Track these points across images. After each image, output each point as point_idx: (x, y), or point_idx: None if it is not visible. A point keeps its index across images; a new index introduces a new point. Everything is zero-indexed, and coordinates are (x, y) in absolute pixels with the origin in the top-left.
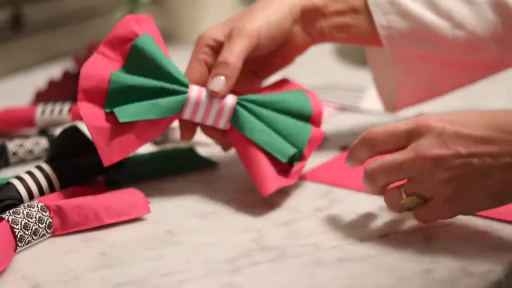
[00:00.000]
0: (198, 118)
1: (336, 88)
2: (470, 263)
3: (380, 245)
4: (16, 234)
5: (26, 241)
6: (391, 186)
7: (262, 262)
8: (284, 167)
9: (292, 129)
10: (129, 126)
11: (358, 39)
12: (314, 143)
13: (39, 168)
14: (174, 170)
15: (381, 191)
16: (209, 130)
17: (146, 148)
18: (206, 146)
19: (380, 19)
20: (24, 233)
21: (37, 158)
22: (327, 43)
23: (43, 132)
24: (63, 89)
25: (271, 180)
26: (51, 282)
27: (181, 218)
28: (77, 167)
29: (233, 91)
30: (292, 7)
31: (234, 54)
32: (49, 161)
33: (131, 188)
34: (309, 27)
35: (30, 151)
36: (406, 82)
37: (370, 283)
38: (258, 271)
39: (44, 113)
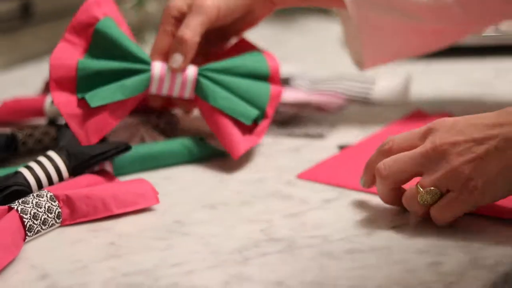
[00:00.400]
0: (164, 92)
1: (343, 78)
2: (478, 256)
3: (389, 238)
4: (25, 223)
5: (35, 230)
6: (407, 185)
7: (271, 253)
8: (249, 127)
9: (252, 91)
10: (100, 109)
11: (322, 2)
12: (274, 101)
13: (48, 157)
14: (184, 159)
15: (395, 193)
16: (176, 99)
17: (155, 137)
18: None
19: None
20: (33, 222)
21: (46, 148)
22: (288, 6)
23: (52, 122)
24: None
25: (239, 143)
26: (59, 272)
27: (190, 209)
28: (84, 155)
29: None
30: None
31: (191, 30)
32: (57, 151)
33: (139, 178)
34: None
35: (39, 141)
36: (372, 45)
37: (378, 275)
38: (266, 262)
39: (54, 103)
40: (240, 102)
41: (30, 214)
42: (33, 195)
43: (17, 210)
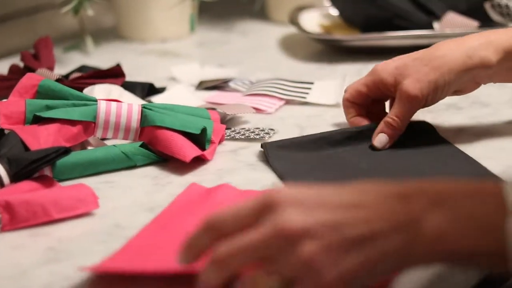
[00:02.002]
0: (111, 121)
1: (282, 80)
2: None
3: None
4: None
5: None
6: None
7: None
8: (198, 150)
9: (197, 119)
10: (49, 126)
11: None
12: (218, 133)
13: None
14: (124, 164)
15: (228, 279)
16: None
17: (97, 144)
18: None
19: None
20: None
21: None
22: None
23: None
24: (11, 84)
25: (190, 149)
26: None
27: (129, 212)
28: (25, 160)
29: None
30: (465, 71)
31: (401, 119)
32: None
33: (79, 183)
34: (479, 80)
35: None
36: None
37: None
38: None
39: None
40: (186, 117)
41: None
42: None
43: None
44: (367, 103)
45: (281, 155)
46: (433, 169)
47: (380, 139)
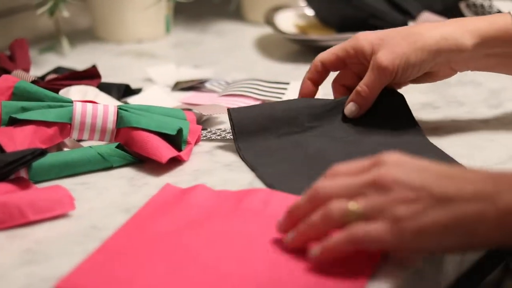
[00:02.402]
0: (87, 122)
1: (257, 80)
2: None
3: None
4: None
5: None
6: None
7: None
8: (174, 151)
9: (172, 120)
10: (24, 128)
11: (506, 73)
12: (194, 134)
13: None
14: (100, 166)
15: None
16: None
17: (74, 145)
18: None
19: None
20: None
21: None
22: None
23: None
24: None
25: (166, 150)
26: None
27: (105, 213)
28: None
29: None
30: (437, 51)
31: (370, 88)
32: None
33: (55, 184)
34: (455, 66)
35: None
36: None
37: None
38: None
39: None
40: (162, 118)
41: None
42: None
43: None
44: (337, 69)
45: (251, 144)
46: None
47: (349, 107)
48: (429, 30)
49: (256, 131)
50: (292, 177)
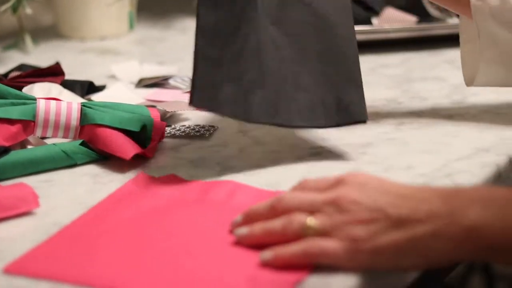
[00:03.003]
0: (51, 119)
1: None
2: None
3: None
4: None
5: None
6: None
7: None
8: (138, 148)
9: (137, 116)
10: None
11: (452, 4)
12: (158, 131)
13: None
14: (64, 163)
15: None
16: None
17: (37, 142)
18: None
19: None
20: None
21: None
22: None
23: None
24: None
25: (130, 147)
26: None
27: (69, 211)
28: None
29: None
30: None
31: None
32: None
33: (19, 182)
34: None
35: None
36: (489, 58)
37: None
38: None
39: None
40: (126, 115)
41: None
42: None
43: None
44: None
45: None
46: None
47: None
48: None
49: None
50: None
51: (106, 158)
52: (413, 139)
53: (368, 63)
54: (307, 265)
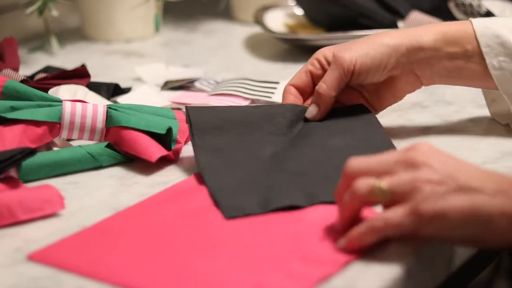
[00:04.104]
0: (76, 122)
1: (247, 80)
2: None
3: None
4: None
5: None
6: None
7: None
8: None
9: (162, 119)
10: (13, 127)
11: (469, 82)
12: (184, 133)
13: None
14: (90, 165)
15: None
16: None
17: (63, 144)
18: None
19: (492, 61)
20: None
21: None
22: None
23: None
24: None
25: (155, 149)
26: None
27: (95, 213)
28: None
29: None
30: (397, 46)
31: (328, 85)
32: None
33: (45, 183)
34: (418, 69)
35: None
36: None
37: None
38: None
39: None
40: (152, 117)
41: None
42: None
43: None
44: (309, 89)
45: (207, 144)
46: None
47: (309, 109)
48: (391, 31)
49: (213, 131)
50: (238, 193)
51: (131, 160)
52: (438, 143)
53: None
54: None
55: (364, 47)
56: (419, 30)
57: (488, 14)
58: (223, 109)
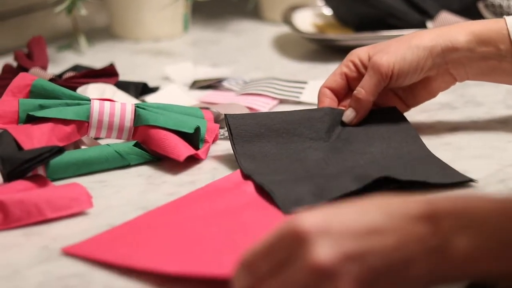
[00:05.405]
0: (105, 120)
1: (275, 79)
2: None
3: None
4: None
5: None
6: None
7: None
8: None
9: (190, 118)
10: (42, 125)
11: (502, 80)
12: (212, 133)
13: None
14: (118, 164)
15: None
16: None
17: (91, 143)
18: None
19: None
20: None
21: None
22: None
23: None
24: (4, 84)
25: (183, 148)
26: None
27: (123, 212)
28: (18, 159)
29: None
30: (432, 47)
31: (366, 90)
32: None
33: (73, 182)
34: (452, 68)
35: None
36: None
37: None
38: None
39: None
40: (180, 116)
41: None
42: None
43: None
44: (343, 91)
45: (249, 151)
46: (386, 158)
47: (347, 114)
48: (425, 32)
49: (253, 138)
50: (292, 186)
51: (159, 159)
52: (467, 144)
53: None
54: None
55: (400, 51)
56: (452, 29)
57: None
58: (261, 115)
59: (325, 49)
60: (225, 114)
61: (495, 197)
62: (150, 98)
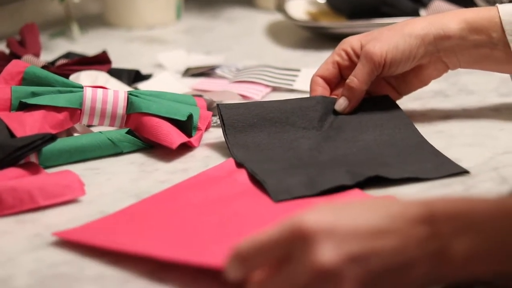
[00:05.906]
0: (97, 107)
1: (268, 67)
2: None
3: None
4: None
5: None
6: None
7: None
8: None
9: (183, 106)
10: (34, 113)
11: (494, 68)
12: (205, 121)
13: None
14: (110, 151)
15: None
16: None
17: (84, 130)
18: None
19: None
20: None
21: None
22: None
23: None
24: None
25: (176, 136)
26: None
27: (115, 199)
28: (10, 147)
29: None
30: (425, 36)
31: (359, 79)
32: None
33: (65, 169)
34: (445, 56)
35: None
36: None
37: None
38: None
39: None
40: (173, 104)
41: None
42: None
43: None
44: (336, 80)
45: (241, 141)
46: (380, 147)
47: (339, 102)
48: (417, 20)
49: (246, 128)
50: (284, 176)
51: (151, 147)
52: (460, 132)
53: None
54: None
55: (393, 39)
56: (445, 17)
57: None
58: (254, 104)
59: (318, 37)
60: (217, 104)
61: (493, 198)
62: (143, 86)
